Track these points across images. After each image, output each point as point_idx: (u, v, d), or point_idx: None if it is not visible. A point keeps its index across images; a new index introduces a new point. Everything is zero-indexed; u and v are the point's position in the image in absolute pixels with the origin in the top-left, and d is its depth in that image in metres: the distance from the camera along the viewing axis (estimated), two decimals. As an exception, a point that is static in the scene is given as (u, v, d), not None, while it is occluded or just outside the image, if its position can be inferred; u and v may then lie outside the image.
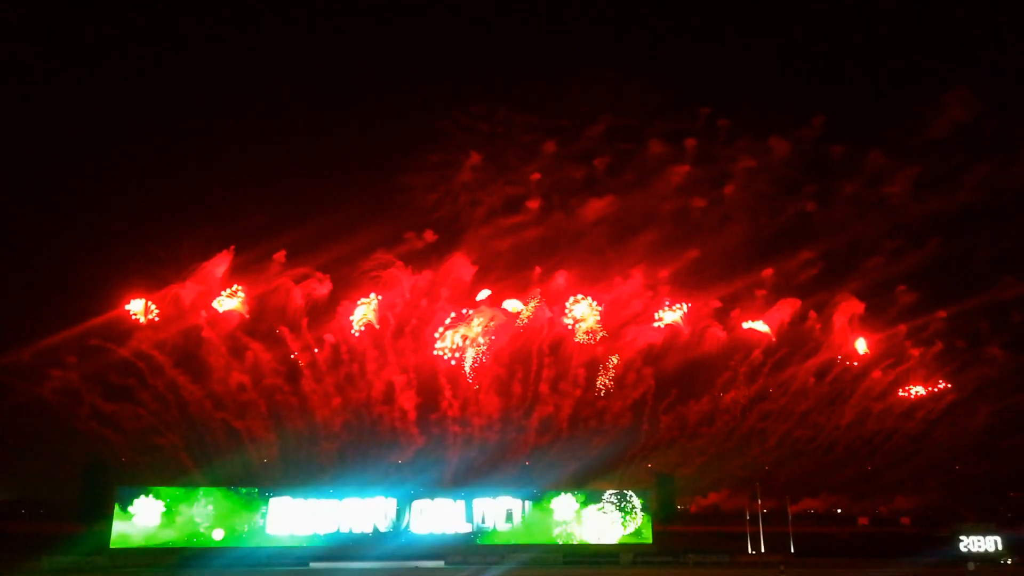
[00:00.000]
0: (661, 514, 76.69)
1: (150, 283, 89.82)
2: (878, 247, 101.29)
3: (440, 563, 69.44)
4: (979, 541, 72.61)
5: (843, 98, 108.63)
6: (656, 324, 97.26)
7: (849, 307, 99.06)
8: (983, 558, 70.42)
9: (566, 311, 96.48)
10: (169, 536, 69.14)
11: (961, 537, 73.03)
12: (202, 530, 69.96)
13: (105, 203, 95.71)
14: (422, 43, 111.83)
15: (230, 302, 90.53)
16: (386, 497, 74.41)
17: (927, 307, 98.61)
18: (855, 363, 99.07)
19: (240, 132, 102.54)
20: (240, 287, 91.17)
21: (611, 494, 76.55)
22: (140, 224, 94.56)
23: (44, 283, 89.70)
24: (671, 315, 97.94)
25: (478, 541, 73.69)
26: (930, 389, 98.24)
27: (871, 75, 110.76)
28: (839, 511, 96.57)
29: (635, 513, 75.40)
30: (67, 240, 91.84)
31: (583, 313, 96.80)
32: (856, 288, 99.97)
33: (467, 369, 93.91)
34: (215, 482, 77.27)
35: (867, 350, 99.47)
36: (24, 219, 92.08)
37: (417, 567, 67.25)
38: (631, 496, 76.34)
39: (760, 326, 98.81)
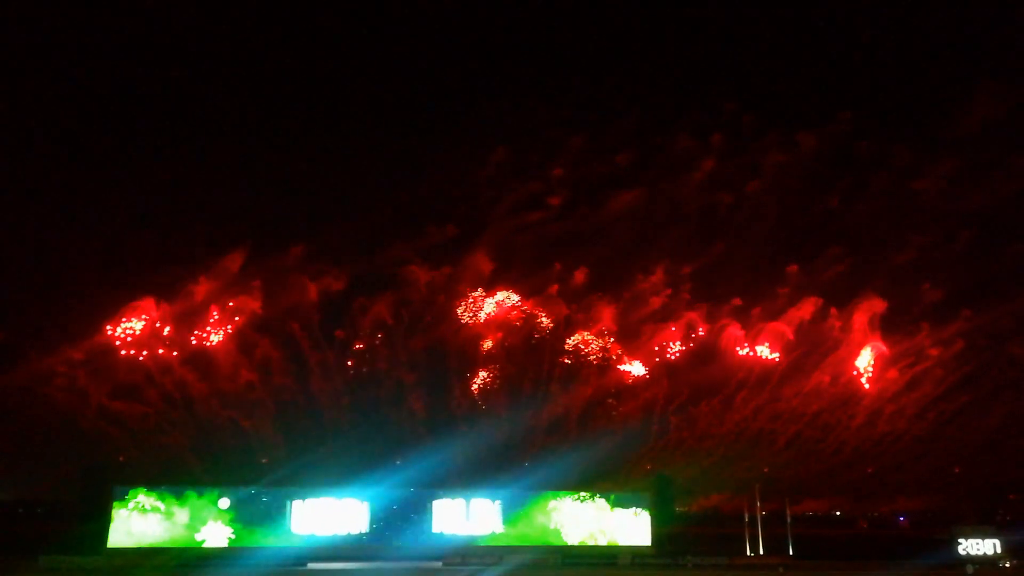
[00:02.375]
0: (660, 516, 76.51)
1: (162, 280, 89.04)
2: (906, 244, 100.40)
3: (437, 563, 69.32)
4: (978, 544, 72.21)
5: (871, 93, 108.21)
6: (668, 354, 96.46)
7: (871, 305, 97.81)
8: (982, 561, 70.00)
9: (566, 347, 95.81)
10: (168, 536, 69.07)
11: (960, 540, 72.70)
12: (201, 530, 69.80)
13: (115, 196, 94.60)
14: (448, 34, 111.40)
15: (216, 336, 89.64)
16: (383, 498, 74.12)
17: (952, 305, 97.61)
18: (862, 377, 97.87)
19: (257, 124, 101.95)
20: (227, 306, 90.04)
21: (612, 496, 76.55)
22: (153, 218, 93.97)
23: (52, 278, 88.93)
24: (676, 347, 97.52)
25: (477, 542, 73.54)
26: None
27: (899, 69, 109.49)
28: (838, 513, 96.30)
29: (636, 515, 75.32)
30: (75, 237, 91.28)
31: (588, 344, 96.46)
32: (881, 285, 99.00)
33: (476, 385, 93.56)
34: (218, 482, 76.73)
35: (871, 363, 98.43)
36: (32, 213, 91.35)
37: (417, 567, 67.06)
38: (632, 498, 76.34)
39: (766, 351, 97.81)
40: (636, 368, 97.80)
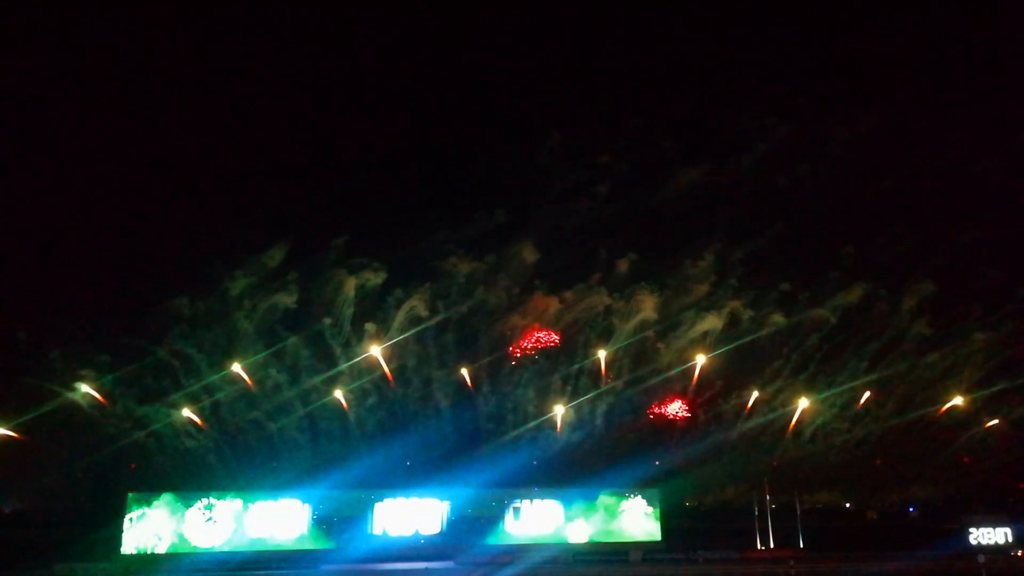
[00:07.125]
0: (672, 511, 76.66)
1: (196, 275, 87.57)
2: (965, 224, 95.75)
3: (450, 563, 69.60)
4: (989, 533, 72.47)
5: (928, 70, 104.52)
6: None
7: (922, 288, 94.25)
8: (993, 550, 70.18)
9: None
10: (182, 542, 69.65)
11: (971, 529, 72.92)
12: (218, 535, 70.44)
13: (148, 187, 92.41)
14: (503, 17, 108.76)
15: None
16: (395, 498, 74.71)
17: (1009, 287, 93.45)
18: None
19: (304, 113, 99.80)
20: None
21: (623, 492, 76.76)
22: (188, 211, 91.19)
23: (80, 275, 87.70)
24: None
25: (487, 540, 73.79)
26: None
27: (956, 46, 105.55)
28: (848, 505, 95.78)
29: (646, 510, 75.53)
30: (105, 229, 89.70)
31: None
32: (935, 267, 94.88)
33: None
34: (236, 487, 76.62)
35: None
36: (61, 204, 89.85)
37: (428, 568, 67.41)
38: (642, 493, 76.53)
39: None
40: (674, 408, 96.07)
